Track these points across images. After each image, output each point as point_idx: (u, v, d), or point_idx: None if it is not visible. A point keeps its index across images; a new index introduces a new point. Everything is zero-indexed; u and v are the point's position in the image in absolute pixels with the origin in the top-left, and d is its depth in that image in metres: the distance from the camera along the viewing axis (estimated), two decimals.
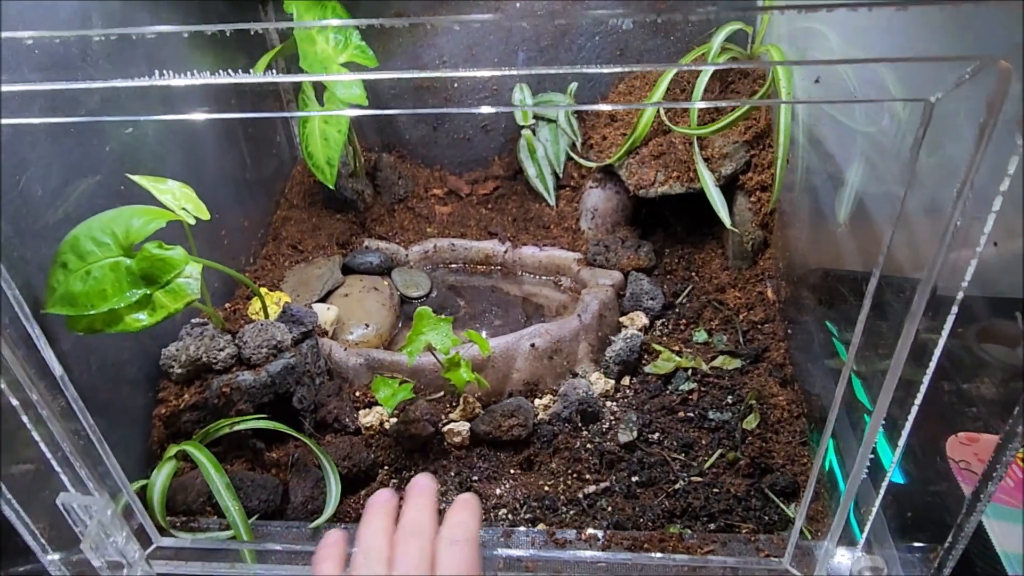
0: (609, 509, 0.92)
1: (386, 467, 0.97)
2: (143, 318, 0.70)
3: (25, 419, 0.60)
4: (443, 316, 0.95)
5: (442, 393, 1.03)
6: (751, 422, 0.99)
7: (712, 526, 0.88)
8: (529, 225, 1.35)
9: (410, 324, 1.23)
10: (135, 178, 0.84)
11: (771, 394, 1.02)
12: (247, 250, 1.25)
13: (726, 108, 1.17)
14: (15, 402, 0.59)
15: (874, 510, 0.67)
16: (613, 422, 1.04)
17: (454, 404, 1.04)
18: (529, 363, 1.06)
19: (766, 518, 0.88)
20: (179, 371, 0.94)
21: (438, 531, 0.57)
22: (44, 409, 0.60)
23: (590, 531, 0.85)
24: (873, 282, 0.53)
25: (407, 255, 1.34)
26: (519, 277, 1.32)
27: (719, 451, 0.97)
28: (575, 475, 0.97)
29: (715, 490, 0.92)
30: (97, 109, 0.81)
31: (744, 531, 0.86)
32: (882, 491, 0.67)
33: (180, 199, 0.85)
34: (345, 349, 1.07)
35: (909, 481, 0.83)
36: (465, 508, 0.59)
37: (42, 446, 0.63)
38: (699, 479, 0.94)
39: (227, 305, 1.13)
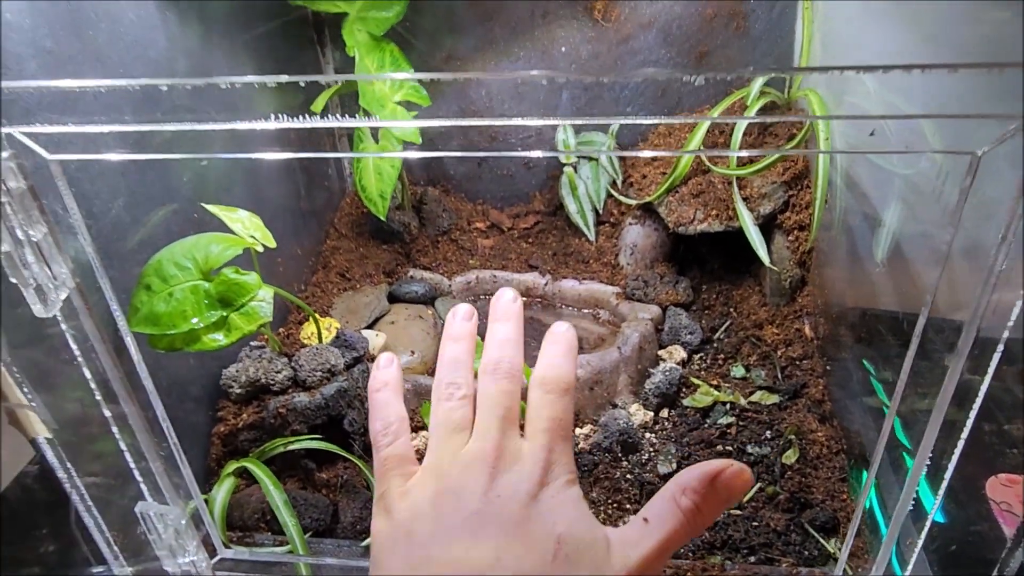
0: None
1: None
2: (220, 338, 0.75)
3: (115, 430, 0.65)
4: None
5: None
6: (790, 457, 1.00)
7: (752, 559, 0.89)
8: (569, 259, 1.39)
9: None
10: (209, 207, 0.90)
11: (810, 430, 1.04)
12: (299, 277, 1.31)
13: (765, 149, 1.21)
14: (108, 413, 0.64)
15: (917, 550, 0.69)
16: (652, 453, 1.06)
17: None
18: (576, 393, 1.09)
19: (806, 552, 0.89)
20: (238, 391, 0.98)
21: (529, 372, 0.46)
22: (135, 420, 0.64)
23: None
24: (921, 322, 0.56)
25: (450, 285, 1.38)
26: (558, 310, 1.36)
27: (758, 485, 0.98)
28: (615, 504, 0.99)
29: (754, 523, 0.93)
30: (177, 141, 0.87)
31: (784, 565, 0.87)
32: (924, 531, 0.68)
33: (249, 227, 0.90)
34: None
35: (949, 520, 0.84)
36: (560, 347, 0.46)
37: (127, 456, 0.67)
38: (738, 512, 0.95)
39: (280, 330, 1.17)
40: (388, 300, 1.31)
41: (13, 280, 0.53)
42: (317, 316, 1.04)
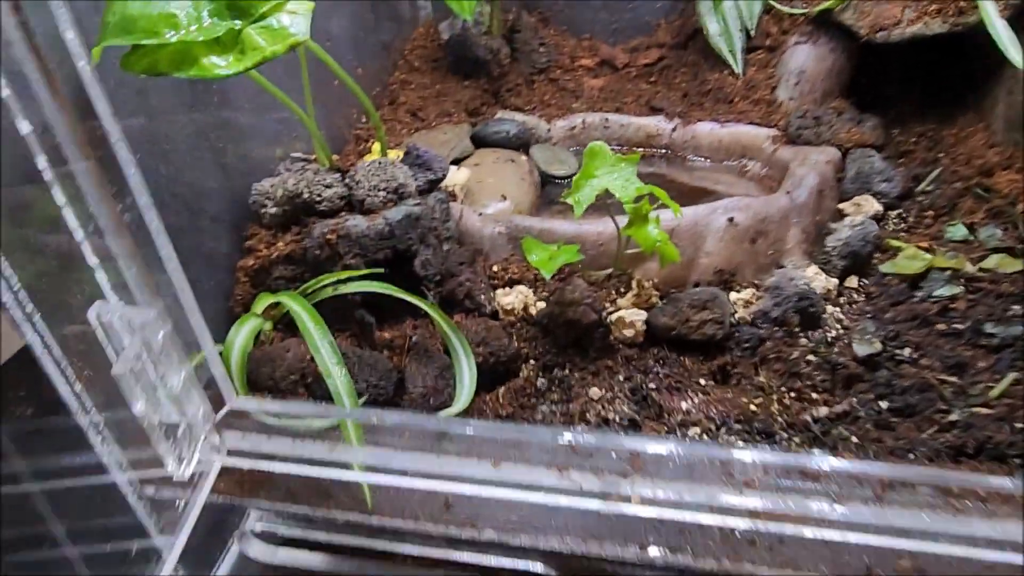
0: (855, 440, 0.64)
1: (532, 362, 0.72)
2: (224, 63, 0.47)
3: (51, 179, 0.38)
4: (627, 154, 0.69)
5: (609, 271, 0.77)
6: None
7: None
8: (704, 100, 1.06)
9: (551, 207, 0.98)
10: None
11: None
12: (359, 104, 1.03)
13: None
14: (26, 129, 0.37)
15: None
16: (840, 331, 0.75)
17: (623, 288, 0.77)
18: (724, 245, 0.79)
19: None
20: (273, 211, 0.71)
21: None
22: (72, 150, 0.37)
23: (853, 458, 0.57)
24: None
25: (549, 131, 1.08)
26: (690, 162, 1.04)
27: (1012, 375, 0.66)
28: (794, 393, 0.70)
29: (1017, 425, 0.62)
30: None
31: None
32: None
33: None
34: (480, 215, 0.82)
35: None
36: None
37: (72, 222, 0.41)
38: (986, 411, 0.64)
39: (335, 157, 0.90)
40: (472, 143, 1.03)
41: None
42: (382, 126, 0.76)
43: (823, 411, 0.67)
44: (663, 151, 1.06)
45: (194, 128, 0.67)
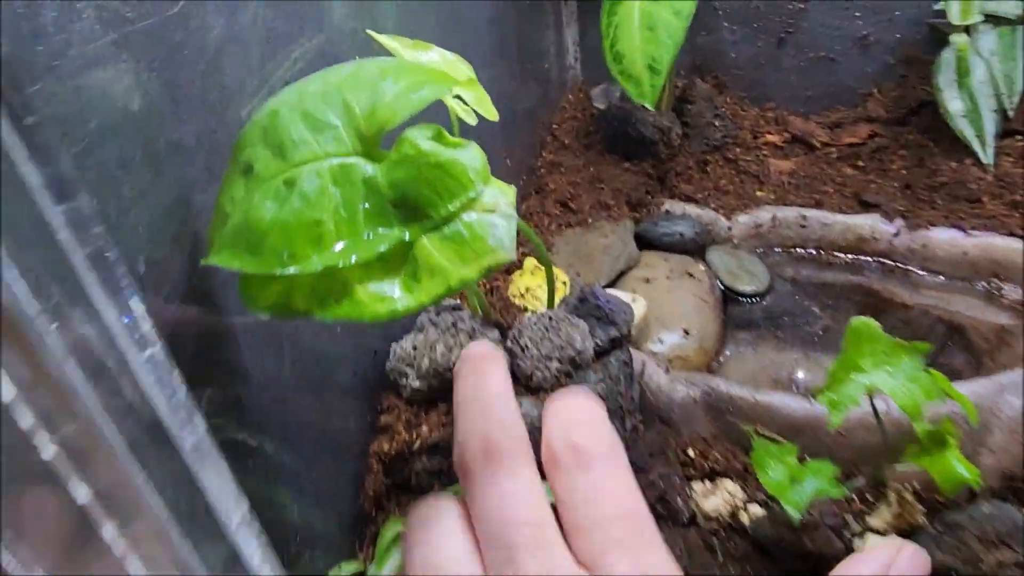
0: None
1: None
2: (395, 293, 0.31)
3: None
4: (911, 342, 0.48)
5: (861, 483, 0.56)
6: None
7: None
8: (936, 195, 0.84)
9: (736, 336, 0.79)
10: (380, 37, 0.46)
11: None
12: None
13: None
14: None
15: None
16: None
17: (873, 499, 0.57)
18: (1017, 440, 0.57)
19: None
20: (415, 384, 0.56)
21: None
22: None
23: None
24: None
25: (730, 228, 0.88)
26: (916, 277, 0.82)
27: None
28: None
29: None
30: None
31: None
32: None
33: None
34: (668, 371, 0.64)
35: None
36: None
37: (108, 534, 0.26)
38: None
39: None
40: (635, 244, 0.85)
41: None
42: (551, 263, 0.59)
43: None
44: (880, 259, 0.84)
45: None
